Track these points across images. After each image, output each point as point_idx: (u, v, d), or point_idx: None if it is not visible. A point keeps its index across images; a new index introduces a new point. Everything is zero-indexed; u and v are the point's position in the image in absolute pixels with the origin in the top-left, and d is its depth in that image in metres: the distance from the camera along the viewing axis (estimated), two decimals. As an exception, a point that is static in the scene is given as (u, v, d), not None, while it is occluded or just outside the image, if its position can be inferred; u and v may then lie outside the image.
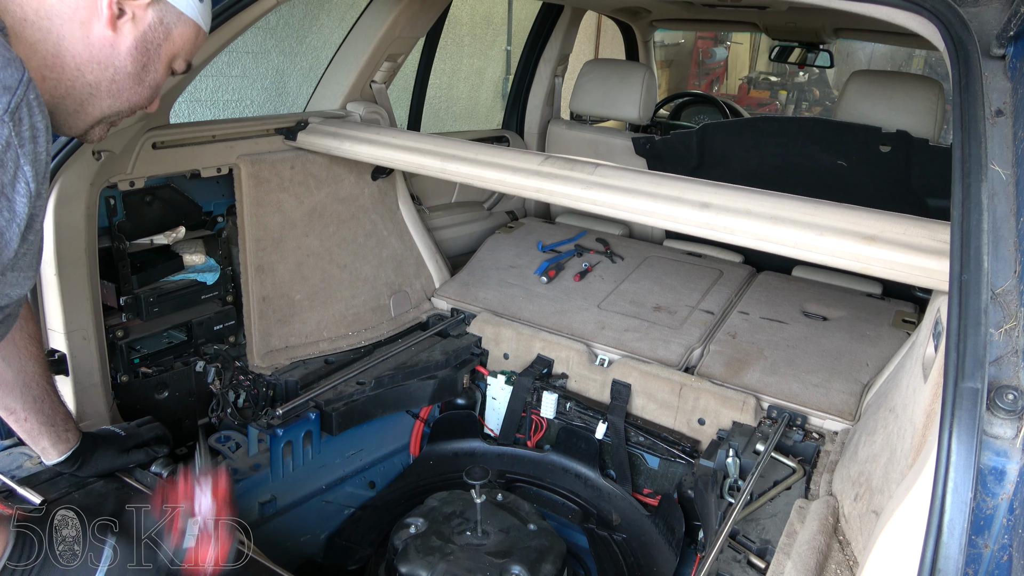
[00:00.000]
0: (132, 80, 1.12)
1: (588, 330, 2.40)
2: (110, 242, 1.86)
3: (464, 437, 2.34)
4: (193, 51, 1.21)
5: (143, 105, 1.18)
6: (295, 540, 1.99)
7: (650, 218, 1.71)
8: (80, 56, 1.05)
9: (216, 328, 2.13)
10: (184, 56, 1.19)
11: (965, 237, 1.03)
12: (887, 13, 1.41)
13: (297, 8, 4.65)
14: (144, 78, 1.14)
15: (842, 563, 1.37)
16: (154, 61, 1.13)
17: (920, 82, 2.73)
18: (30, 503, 1.49)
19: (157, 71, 1.15)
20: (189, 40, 1.18)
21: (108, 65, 1.08)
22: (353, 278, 2.46)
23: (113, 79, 1.10)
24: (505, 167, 1.93)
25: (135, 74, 1.12)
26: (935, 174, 2.55)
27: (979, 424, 0.89)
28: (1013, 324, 0.96)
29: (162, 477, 1.64)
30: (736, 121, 3.38)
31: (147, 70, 1.13)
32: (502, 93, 6.87)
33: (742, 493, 1.67)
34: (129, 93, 1.14)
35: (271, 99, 4.63)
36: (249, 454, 1.95)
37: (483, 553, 1.61)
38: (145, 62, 1.12)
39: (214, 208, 2.15)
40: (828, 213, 1.54)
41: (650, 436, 2.09)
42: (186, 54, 1.19)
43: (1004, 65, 1.20)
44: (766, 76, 12.82)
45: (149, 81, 1.15)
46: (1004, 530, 0.89)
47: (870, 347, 2.22)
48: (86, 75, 1.07)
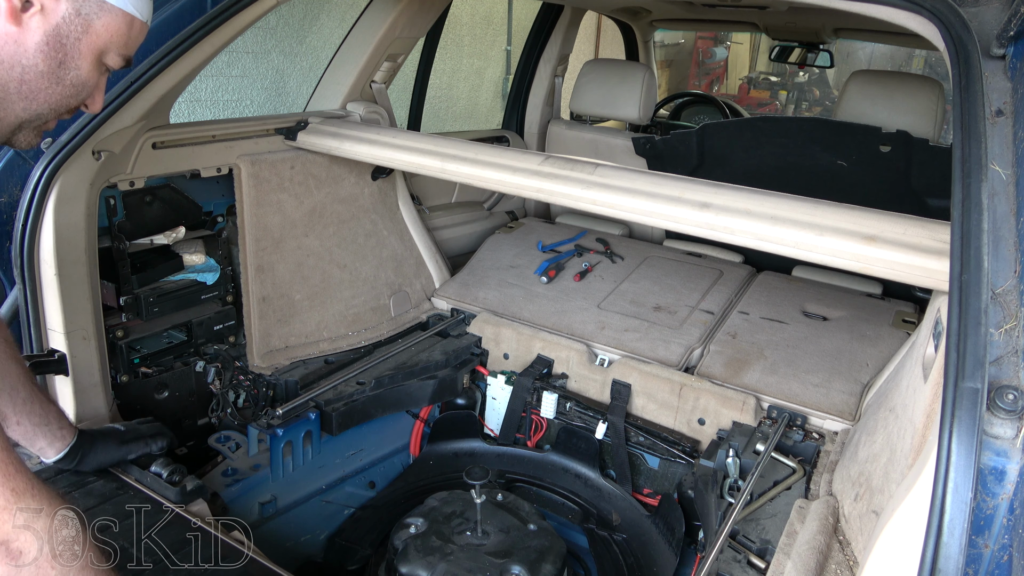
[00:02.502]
0: (47, 80, 1.01)
1: (588, 330, 2.40)
2: (110, 242, 1.87)
3: (464, 437, 2.34)
4: (129, 43, 1.08)
5: (70, 106, 1.08)
6: (295, 540, 1.99)
7: (650, 218, 1.71)
8: None
9: (216, 328, 2.13)
10: (117, 50, 1.06)
11: (965, 237, 1.03)
12: (887, 13, 1.41)
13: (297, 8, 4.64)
14: (63, 76, 1.02)
15: (842, 563, 1.37)
16: (73, 57, 1.02)
17: (920, 82, 2.73)
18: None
19: (80, 68, 1.04)
20: (119, 32, 1.05)
21: (14, 64, 0.97)
22: (353, 278, 2.46)
23: (22, 79, 0.99)
24: (505, 167, 1.93)
25: (49, 72, 1.01)
26: (935, 174, 2.55)
27: (979, 424, 0.89)
28: (1013, 324, 0.96)
29: (162, 477, 1.64)
30: (736, 121, 3.38)
31: (65, 67, 1.02)
32: (502, 93, 6.87)
33: (742, 493, 1.67)
34: (46, 94, 1.03)
35: (271, 99, 4.62)
36: (249, 454, 1.95)
37: (483, 553, 1.61)
38: (61, 59, 1.01)
39: (214, 208, 2.15)
40: (828, 213, 1.54)
41: (650, 436, 2.09)
42: (119, 47, 1.06)
43: (1004, 65, 1.20)
44: (766, 76, 12.82)
45: (71, 79, 1.04)
46: (1004, 530, 0.89)
47: (870, 347, 2.22)
48: None
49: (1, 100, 1.00)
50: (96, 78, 1.08)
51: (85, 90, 1.08)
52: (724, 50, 12.22)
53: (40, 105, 1.04)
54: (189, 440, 2.08)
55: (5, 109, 1.01)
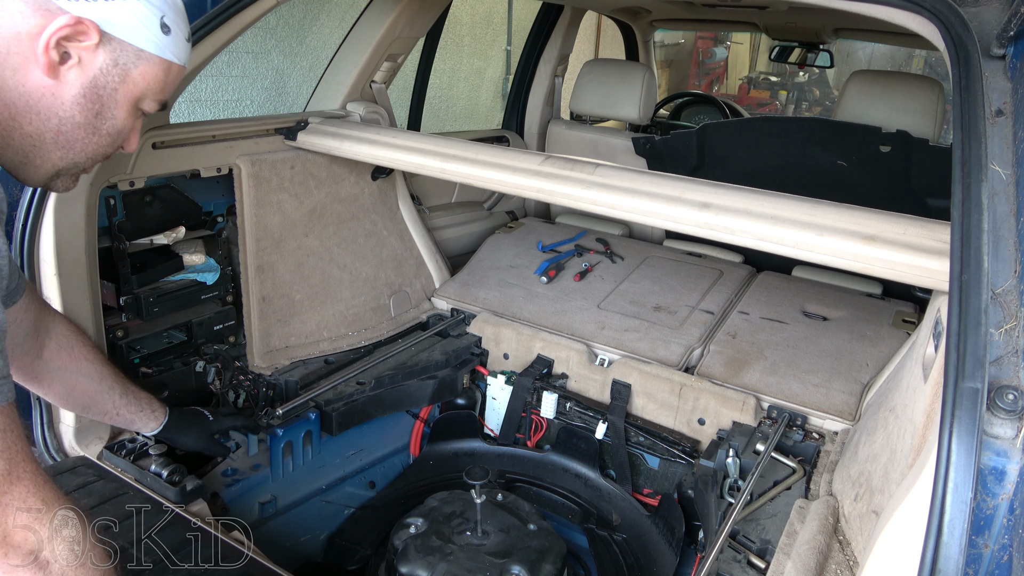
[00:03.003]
0: (84, 131, 1.01)
1: (588, 330, 2.40)
2: (110, 242, 1.86)
3: (464, 437, 2.34)
4: (166, 89, 1.08)
5: (107, 154, 1.08)
6: (295, 540, 1.99)
7: (650, 218, 1.71)
8: (14, 105, 0.94)
9: (216, 328, 2.13)
10: (154, 96, 1.06)
11: (965, 237, 1.03)
12: (887, 13, 1.41)
13: (297, 8, 4.64)
14: (100, 127, 1.02)
15: (842, 563, 1.37)
16: (110, 107, 1.01)
17: (920, 82, 2.73)
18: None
19: (116, 118, 1.03)
20: (156, 79, 1.05)
21: (50, 116, 0.97)
22: (353, 278, 2.46)
23: (59, 130, 0.98)
24: (505, 167, 1.93)
25: (86, 124, 1.00)
26: (935, 174, 2.55)
27: (979, 424, 0.89)
28: (1013, 324, 0.96)
29: (162, 477, 1.64)
30: (736, 121, 3.38)
31: (102, 118, 1.01)
32: (502, 93, 6.87)
33: (742, 493, 1.67)
34: (83, 144, 1.02)
35: (271, 99, 4.62)
36: (249, 454, 1.95)
37: (483, 553, 1.61)
38: (98, 110, 1.00)
39: (214, 208, 2.15)
40: (828, 213, 1.54)
41: (650, 436, 2.09)
42: (156, 93, 1.06)
43: (1004, 65, 1.20)
44: (766, 76, 12.82)
45: (107, 129, 1.03)
46: (1004, 530, 0.89)
47: (870, 347, 2.22)
48: (24, 126, 0.96)
49: (38, 149, 0.99)
50: (132, 124, 1.08)
51: (121, 137, 1.08)
52: (724, 50, 12.22)
53: (77, 154, 1.04)
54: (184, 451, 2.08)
55: (43, 158, 1.01)
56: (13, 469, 0.80)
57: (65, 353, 1.46)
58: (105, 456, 1.72)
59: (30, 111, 0.96)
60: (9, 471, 0.80)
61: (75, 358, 1.47)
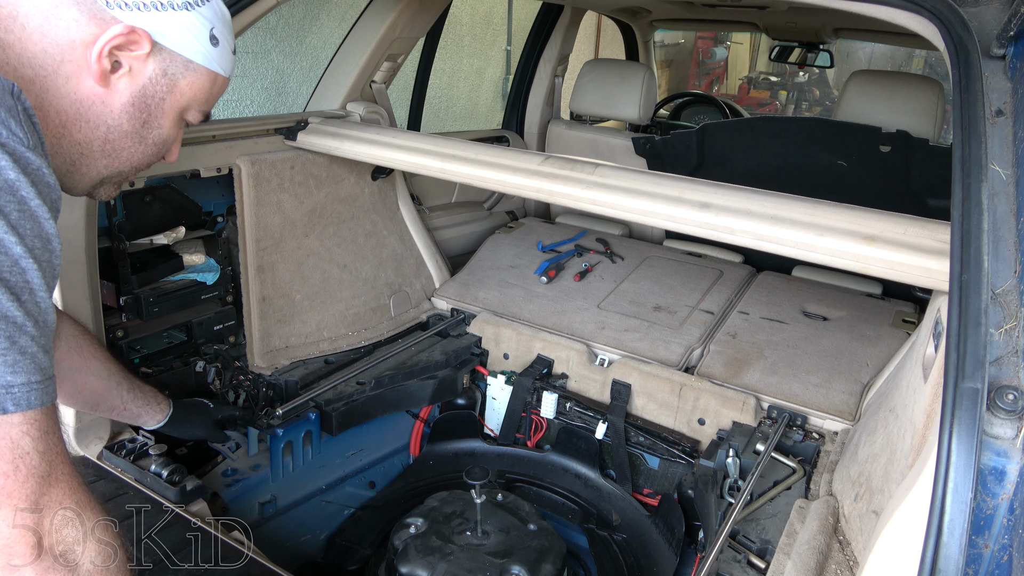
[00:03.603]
0: (130, 139, 1.02)
1: (588, 330, 2.40)
2: (110, 242, 1.86)
3: (464, 437, 2.34)
4: (211, 100, 1.09)
5: (150, 163, 1.09)
6: (295, 540, 1.99)
7: (650, 218, 1.70)
8: (66, 113, 0.95)
9: (216, 328, 2.13)
10: (199, 106, 1.08)
11: (965, 237, 1.03)
12: (887, 13, 1.41)
13: (297, 8, 4.64)
14: (146, 136, 1.03)
15: (842, 563, 1.37)
16: (157, 117, 1.03)
17: (920, 82, 2.73)
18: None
19: (162, 127, 1.05)
20: (202, 90, 1.06)
21: (99, 124, 0.98)
22: (353, 278, 2.46)
23: (106, 138, 1.00)
24: (505, 167, 1.93)
25: (133, 132, 1.01)
26: (935, 174, 2.55)
27: (979, 424, 0.89)
28: (1013, 324, 0.96)
29: (162, 477, 1.64)
30: (736, 121, 3.38)
31: (148, 127, 1.03)
32: (502, 93, 6.87)
33: (742, 493, 1.67)
34: (128, 153, 1.03)
35: (271, 99, 4.62)
36: (249, 454, 1.95)
37: (483, 553, 1.61)
38: (145, 119, 1.01)
39: (214, 208, 2.15)
40: (828, 213, 1.54)
41: (650, 436, 2.09)
42: (201, 104, 1.08)
43: (1004, 65, 1.20)
44: (766, 76, 12.82)
45: (152, 138, 1.04)
46: (1004, 530, 0.89)
47: (870, 347, 2.22)
48: (73, 133, 0.97)
49: (86, 157, 1.00)
50: (176, 134, 1.09)
51: (165, 147, 1.09)
52: (724, 50, 12.22)
53: (122, 163, 1.05)
54: (189, 440, 2.08)
55: (88, 166, 1.01)
56: (53, 471, 0.81)
57: (75, 354, 1.47)
58: (105, 456, 1.72)
59: (80, 119, 0.96)
60: (49, 472, 0.80)
61: (84, 358, 1.49)
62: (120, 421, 1.69)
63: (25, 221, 0.78)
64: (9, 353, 0.76)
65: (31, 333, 0.78)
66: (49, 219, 0.81)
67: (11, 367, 0.76)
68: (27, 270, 0.78)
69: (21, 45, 0.90)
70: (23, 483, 0.77)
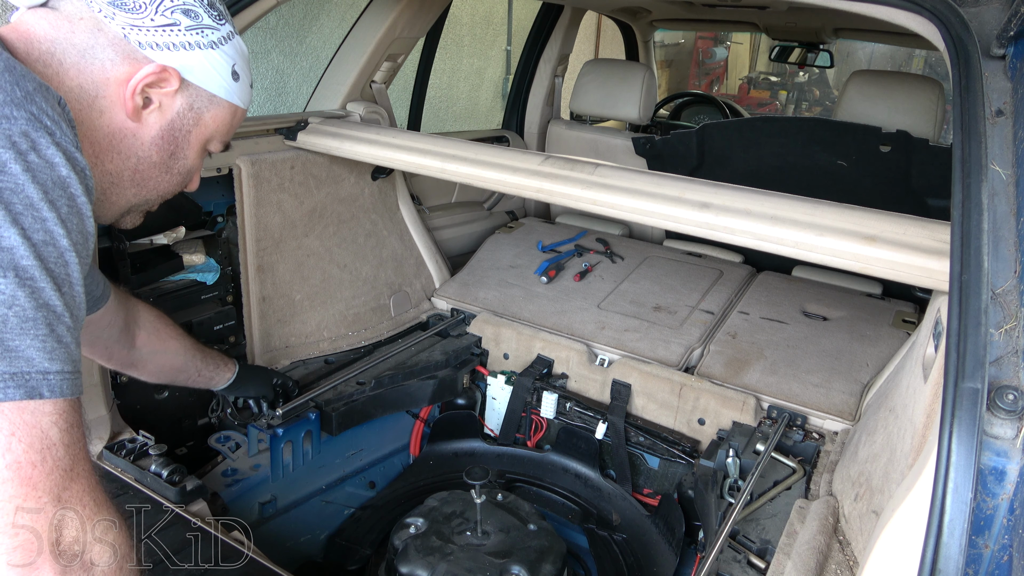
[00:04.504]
0: (158, 170, 1.08)
1: (588, 330, 2.40)
2: (110, 242, 1.86)
3: (464, 437, 2.34)
4: (231, 131, 1.15)
5: (175, 192, 1.14)
6: (295, 540, 1.99)
7: (650, 218, 1.71)
8: (99, 144, 1.00)
9: (216, 328, 2.13)
10: (220, 137, 1.14)
11: (965, 237, 1.03)
12: (887, 13, 1.41)
13: (297, 8, 4.64)
14: (172, 166, 1.09)
15: (842, 563, 1.37)
16: (183, 148, 1.08)
17: (920, 82, 2.73)
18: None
19: (187, 158, 1.10)
20: (224, 122, 1.12)
21: (130, 155, 1.03)
22: (353, 278, 2.46)
23: (136, 169, 1.05)
24: (505, 167, 1.93)
25: (161, 163, 1.07)
26: (935, 174, 2.55)
27: (979, 424, 0.89)
28: (1013, 324, 0.96)
29: (162, 477, 1.64)
30: (736, 121, 3.38)
31: (175, 158, 1.08)
32: (502, 93, 6.87)
33: (742, 493, 1.67)
34: (156, 182, 1.09)
35: (271, 99, 4.62)
36: (249, 454, 1.95)
37: (483, 553, 1.61)
38: (173, 150, 1.07)
39: (214, 208, 2.15)
40: (828, 213, 1.54)
41: (650, 436, 2.09)
42: (222, 135, 1.14)
43: (1004, 65, 1.20)
44: (766, 76, 12.82)
45: (178, 168, 1.10)
46: (1004, 530, 0.89)
47: (870, 347, 2.22)
48: (105, 164, 1.02)
49: (116, 187, 1.05)
50: (199, 164, 1.14)
51: (189, 176, 1.15)
52: (724, 50, 12.22)
53: (149, 192, 1.10)
54: (189, 440, 2.08)
55: (118, 195, 1.07)
56: (75, 466, 0.82)
57: (155, 338, 1.60)
58: (105, 456, 1.72)
59: (112, 150, 1.01)
60: (72, 467, 0.81)
61: (163, 339, 1.62)
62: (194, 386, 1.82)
63: (73, 216, 0.82)
64: (48, 340, 0.78)
65: (68, 324, 0.81)
66: (91, 217, 0.86)
67: (49, 354, 0.78)
68: (70, 263, 0.81)
69: (58, 79, 0.95)
70: (48, 475, 0.78)
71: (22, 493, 0.76)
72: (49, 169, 0.80)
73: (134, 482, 1.64)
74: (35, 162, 0.78)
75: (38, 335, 0.77)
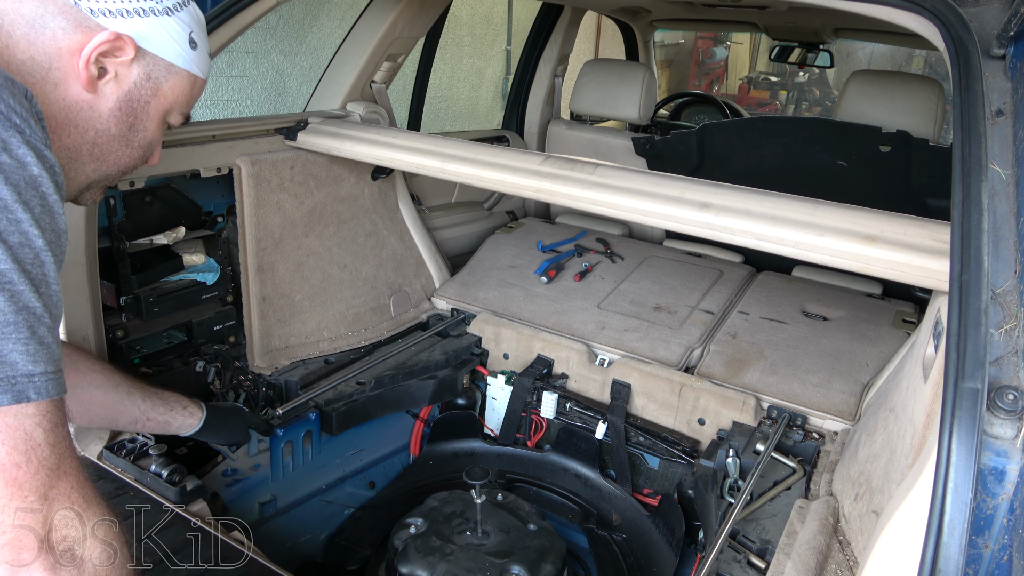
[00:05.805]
0: (118, 143, 1.05)
1: (588, 330, 2.40)
2: (110, 242, 1.86)
3: (464, 437, 2.34)
4: (191, 101, 1.13)
5: (136, 165, 1.11)
6: (295, 540, 1.99)
7: (650, 218, 1.71)
8: (55, 119, 0.96)
9: (216, 328, 2.13)
10: (180, 108, 1.11)
11: (965, 237, 1.03)
12: (887, 13, 1.41)
13: (297, 8, 4.65)
14: (132, 139, 1.06)
15: (842, 563, 1.37)
16: (142, 120, 1.05)
17: (920, 82, 2.73)
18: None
19: (147, 130, 1.07)
20: (183, 92, 1.09)
21: (88, 129, 1.00)
22: (353, 278, 2.46)
23: (95, 143, 1.02)
24: (505, 167, 1.93)
25: (120, 136, 1.04)
26: (935, 174, 2.55)
27: (979, 424, 0.89)
28: (1013, 324, 0.96)
29: (162, 477, 1.64)
30: (736, 121, 3.38)
31: (134, 130, 1.06)
32: (502, 93, 6.87)
33: (742, 493, 1.67)
34: (116, 156, 1.06)
35: (271, 99, 4.63)
36: (249, 454, 1.95)
37: (483, 553, 1.61)
38: (132, 122, 1.04)
39: (214, 208, 2.15)
40: (828, 213, 1.54)
41: (650, 436, 2.09)
42: (182, 106, 1.11)
43: (1004, 65, 1.20)
44: (766, 76, 12.83)
45: (138, 141, 1.07)
46: (1004, 530, 0.89)
47: (870, 347, 2.22)
48: (63, 139, 0.99)
49: (75, 162, 1.02)
50: (159, 136, 1.12)
51: (151, 149, 1.12)
52: (724, 50, 12.23)
53: (110, 167, 1.07)
54: (189, 440, 2.08)
55: (77, 171, 1.04)
56: (62, 464, 0.82)
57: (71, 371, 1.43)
58: (105, 456, 1.72)
59: (69, 124, 0.98)
60: (58, 466, 0.81)
61: (81, 372, 1.47)
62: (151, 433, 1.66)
63: (46, 216, 0.81)
64: (30, 343, 0.78)
65: (48, 324, 0.80)
66: (62, 215, 0.84)
67: (31, 356, 0.78)
68: (46, 263, 0.81)
69: (9, 53, 0.92)
70: (34, 475, 0.78)
71: (8, 494, 0.76)
72: (21, 169, 0.78)
73: (134, 482, 1.64)
74: (6, 162, 0.77)
75: (20, 338, 0.77)
